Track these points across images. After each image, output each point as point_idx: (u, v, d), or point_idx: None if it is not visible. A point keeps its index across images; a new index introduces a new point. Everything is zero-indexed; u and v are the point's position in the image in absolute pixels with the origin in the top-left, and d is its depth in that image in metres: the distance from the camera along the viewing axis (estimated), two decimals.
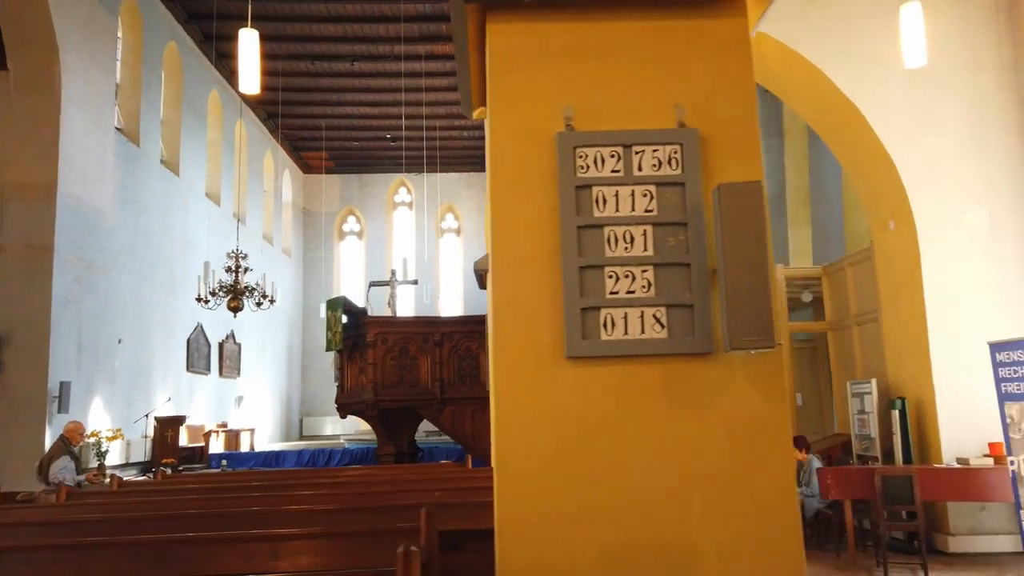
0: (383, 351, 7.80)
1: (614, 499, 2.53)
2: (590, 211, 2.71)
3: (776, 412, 2.60)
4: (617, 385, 2.61)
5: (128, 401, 13.62)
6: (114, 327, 13.02)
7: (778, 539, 2.52)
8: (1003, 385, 6.31)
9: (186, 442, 15.01)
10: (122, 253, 13.34)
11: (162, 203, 15.03)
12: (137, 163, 14.19)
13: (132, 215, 13.74)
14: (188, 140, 16.47)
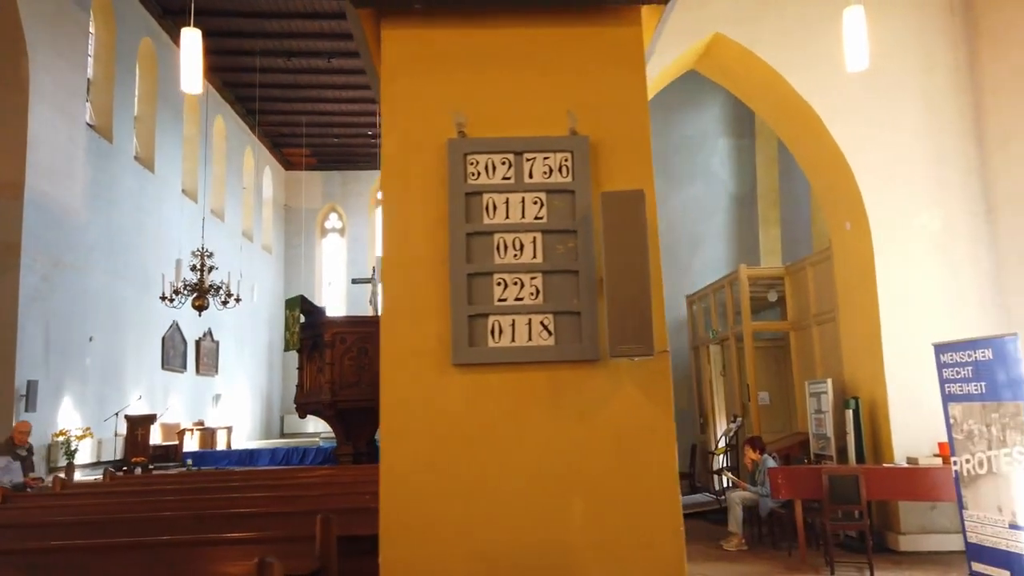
0: (341, 351, 7.80)
1: (499, 506, 2.55)
2: (480, 218, 2.72)
3: (661, 419, 2.63)
4: (504, 392, 2.63)
5: (100, 399, 13.55)
6: (85, 325, 12.94)
7: (660, 547, 2.55)
8: (947, 386, 6.37)
9: (160, 440, 14.96)
10: (93, 250, 13.26)
11: (136, 200, 14.94)
12: (109, 160, 14.10)
13: (104, 212, 13.65)
14: (164, 137, 16.37)
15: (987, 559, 6.04)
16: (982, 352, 6.00)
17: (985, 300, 7.74)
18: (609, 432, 2.62)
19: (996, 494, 5.90)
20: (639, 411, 2.63)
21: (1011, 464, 5.73)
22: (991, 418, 5.90)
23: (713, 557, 7.56)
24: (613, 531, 2.57)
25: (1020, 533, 5.68)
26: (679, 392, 13.43)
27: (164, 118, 16.25)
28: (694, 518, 9.85)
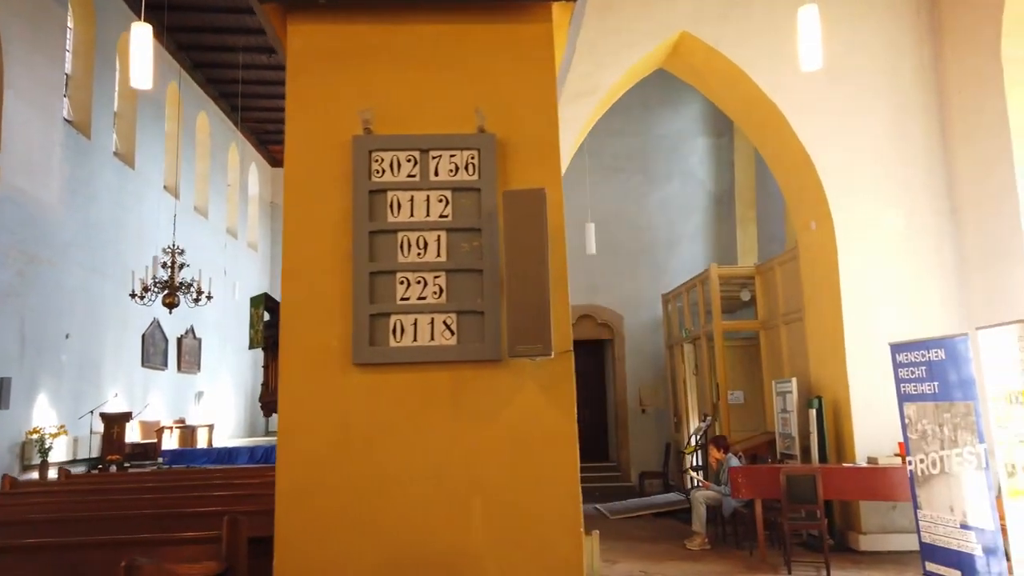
0: None
1: (398, 507, 2.54)
2: (384, 216, 2.70)
3: (563, 421, 2.62)
4: (405, 392, 2.61)
5: (76, 397, 13.48)
6: (61, 321, 12.86)
7: (560, 550, 2.54)
8: (903, 386, 6.37)
9: (139, 438, 14.89)
10: (70, 247, 13.17)
11: (115, 196, 14.84)
12: (88, 155, 14.02)
13: (82, 208, 13.57)
14: (145, 133, 16.28)
15: (940, 559, 6.05)
16: (935, 352, 6.01)
17: (948, 299, 7.75)
18: (511, 434, 2.61)
19: (948, 494, 5.91)
20: (541, 413, 2.62)
21: (962, 464, 5.75)
22: (943, 418, 5.92)
23: (676, 556, 7.57)
24: (513, 534, 2.55)
25: (970, 533, 5.70)
26: (657, 391, 13.45)
27: (145, 114, 16.16)
28: (665, 517, 9.87)
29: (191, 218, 17.89)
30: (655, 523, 9.62)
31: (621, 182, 14.04)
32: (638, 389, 13.64)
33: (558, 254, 2.70)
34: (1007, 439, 5.22)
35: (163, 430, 15.65)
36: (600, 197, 13.45)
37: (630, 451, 13.48)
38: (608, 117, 14.18)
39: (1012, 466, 5.19)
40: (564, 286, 2.70)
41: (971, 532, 5.69)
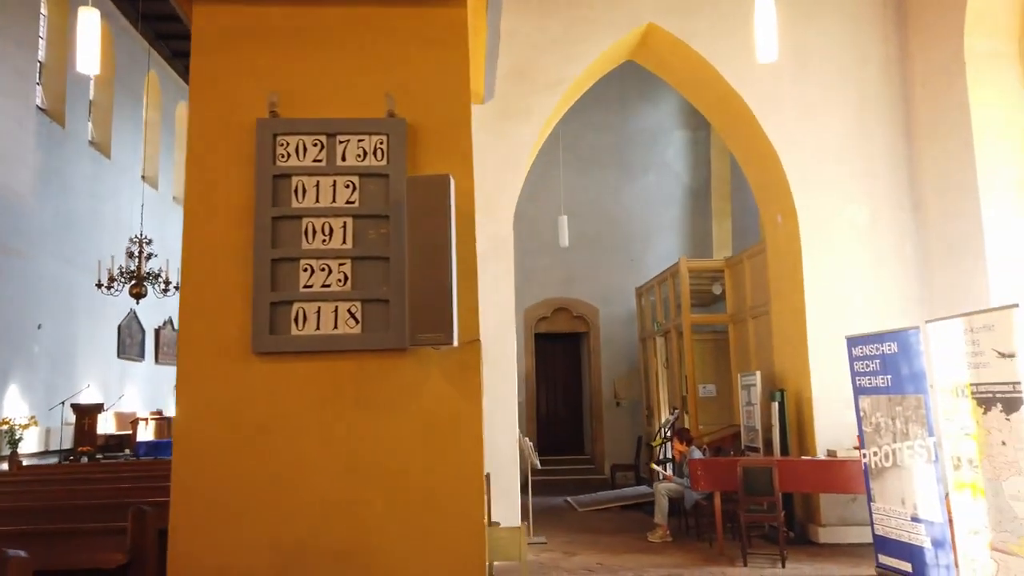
0: None
1: (296, 498, 2.50)
2: (288, 201, 2.66)
3: (469, 410, 2.59)
4: (306, 382, 2.57)
5: (49, 388, 13.36)
6: (33, 312, 12.73)
7: (462, 541, 2.51)
8: (858, 379, 6.38)
9: (114, 430, 14.80)
10: (43, 236, 13.03)
11: (90, 186, 14.69)
12: (62, 144, 13.86)
13: (55, 198, 13.42)
14: (122, 122, 16.11)
15: (892, 551, 6.08)
16: (888, 345, 6.02)
17: (910, 294, 7.77)
18: (416, 424, 2.58)
19: (900, 487, 5.93)
20: (447, 403, 2.59)
21: (912, 457, 5.76)
22: (896, 411, 5.93)
23: (636, 548, 7.57)
24: (415, 524, 2.52)
25: (920, 526, 5.72)
26: (632, 384, 13.46)
27: (122, 103, 15.99)
28: (633, 509, 9.87)
29: (169, 208, 17.74)
30: (622, 515, 9.63)
31: (598, 175, 14.01)
32: (613, 382, 13.65)
33: (467, 243, 2.67)
34: (953, 432, 5.23)
35: (138, 422, 15.55)
36: (576, 190, 13.42)
37: (604, 444, 13.50)
38: (585, 110, 14.17)
39: (957, 459, 5.20)
40: (473, 276, 2.66)
41: (921, 525, 5.72)
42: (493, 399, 7.71)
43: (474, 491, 2.54)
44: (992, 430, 4.81)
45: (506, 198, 8.02)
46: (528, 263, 13.56)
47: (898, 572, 5.99)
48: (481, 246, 7.87)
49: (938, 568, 5.58)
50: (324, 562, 2.46)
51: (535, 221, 12.85)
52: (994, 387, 4.78)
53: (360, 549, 2.47)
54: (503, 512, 7.41)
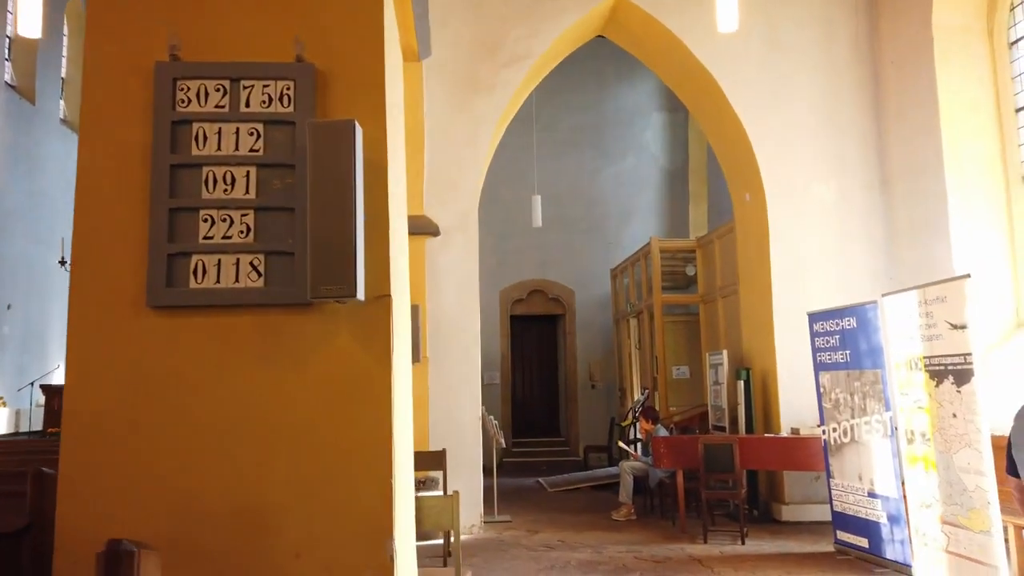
0: None
1: (196, 459, 2.40)
2: (188, 149, 2.53)
3: (378, 369, 2.48)
4: (206, 337, 2.46)
5: (18, 369, 13.15)
6: (2, 292, 12.51)
7: (368, 503, 2.42)
8: (818, 355, 6.34)
9: None
10: (12, 216, 12.77)
11: (62, 164, 14.38)
12: (32, 122, 13.56)
13: (25, 176, 13.15)
14: None
15: (850, 528, 6.06)
16: (848, 321, 5.97)
17: (877, 272, 7.72)
18: (321, 382, 2.48)
19: (858, 462, 5.90)
20: (354, 361, 2.48)
21: (870, 432, 5.73)
22: (854, 386, 5.89)
23: (599, 527, 7.53)
24: (319, 486, 2.43)
25: (877, 501, 5.69)
26: (607, 366, 13.41)
27: None
28: (604, 489, 9.83)
29: None
30: (591, 496, 9.60)
31: (575, 157, 13.89)
32: (588, 364, 13.60)
33: (377, 195, 2.56)
34: (907, 406, 5.19)
35: None
36: (553, 172, 13.29)
37: (579, 426, 13.46)
38: (562, 91, 14.02)
39: (911, 433, 5.17)
40: (384, 230, 2.56)
41: (877, 500, 5.69)
42: (456, 376, 7.64)
43: (381, 452, 2.45)
44: (944, 403, 4.77)
45: (471, 173, 7.90)
46: (504, 245, 13.46)
47: (855, 548, 5.98)
48: (445, 222, 7.81)
49: (893, 543, 5.57)
50: (223, 523, 2.36)
51: (511, 203, 12.73)
52: (946, 359, 4.73)
53: (261, 509, 2.37)
54: (464, 490, 7.31)
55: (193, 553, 2.35)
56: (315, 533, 2.40)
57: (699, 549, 6.47)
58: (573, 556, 6.32)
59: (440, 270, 7.69)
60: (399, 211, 3.03)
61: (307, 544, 2.39)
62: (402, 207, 3.16)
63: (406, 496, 2.84)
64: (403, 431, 2.84)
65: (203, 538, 2.36)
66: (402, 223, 3.11)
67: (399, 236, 2.93)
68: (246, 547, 2.36)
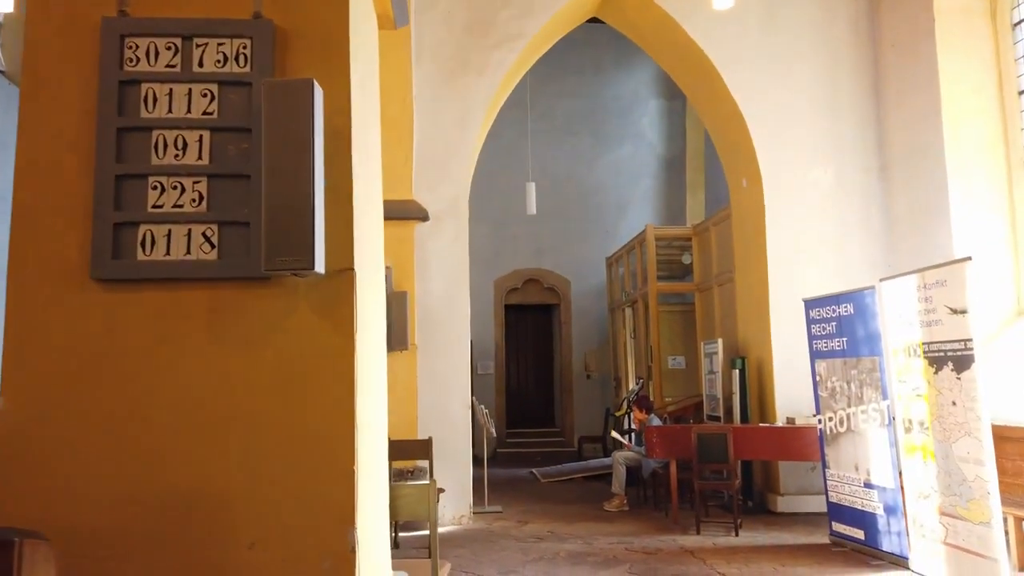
0: None
1: (139, 442, 2.24)
2: (136, 111, 2.36)
3: (341, 348, 2.32)
4: (154, 313, 2.30)
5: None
6: None
7: (329, 492, 2.26)
8: (814, 342, 6.19)
9: None
10: None
11: None
12: None
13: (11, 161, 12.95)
14: None
15: (846, 519, 5.92)
16: (845, 307, 5.81)
17: (875, 259, 7.56)
18: (279, 361, 2.31)
19: (854, 452, 5.76)
20: (315, 339, 2.32)
21: (867, 422, 5.58)
22: (851, 374, 5.74)
23: (590, 518, 7.39)
24: (275, 472, 2.27)
25: (873, 492, 5.55)
26: (602, 356, 13.26)
27: None
28: (597, 480, 9.68)
29: None
30: (584, 486, 9.46)
31: (572, 144, 13.69)
32: (584, 355, 13.45)
33: (340, 165, 2.39)
34: (905, 393, 5.04)
35: None
36: (549, 160, 13.10)
37: (574, 416, 13.33)
38: (559, 78, 13.81)
39: (909, 421, 5.02)
40: (347, 203, 2.39)
41: (874, 491, 5.55)
42: (445, 364, 7.48)
43: (343, 436, 2.29)
44: (943, 390, 4.61)
45: (462, 158, 7.72)
46: (499, 233, 13.28)
47: (851, 540, 5.84)
48: (435, 207, 7.63)
49: (890, 535, 5.43)
50: (170, 513, 2.20)
51: (506, 191, 12.55)
52: (945, 345, 4.58)
53: (212, 498, 2.22)
54: (454, 480, 7.21)
55: (138, 545, 2.20)
56: (270, 523, 2.24)
57: (691, 540, 6.34)
58: (562, 547, 6.18)
59: (429, 256, 7.53)
60: (370, 184, 2.86)
61: (261, 534, 2.24)
62: (375, 181, 3.00)
63: (375, 484, 2.68)
64: (373, 415, 2.69)
65: (148, 529, 2.21)
66: (374, 196, 2.95)
67: (369, 209, 2.77)
68: (195, 538, 2.21)
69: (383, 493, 2.95)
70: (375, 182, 3.02)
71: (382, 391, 2.96)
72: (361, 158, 2.60)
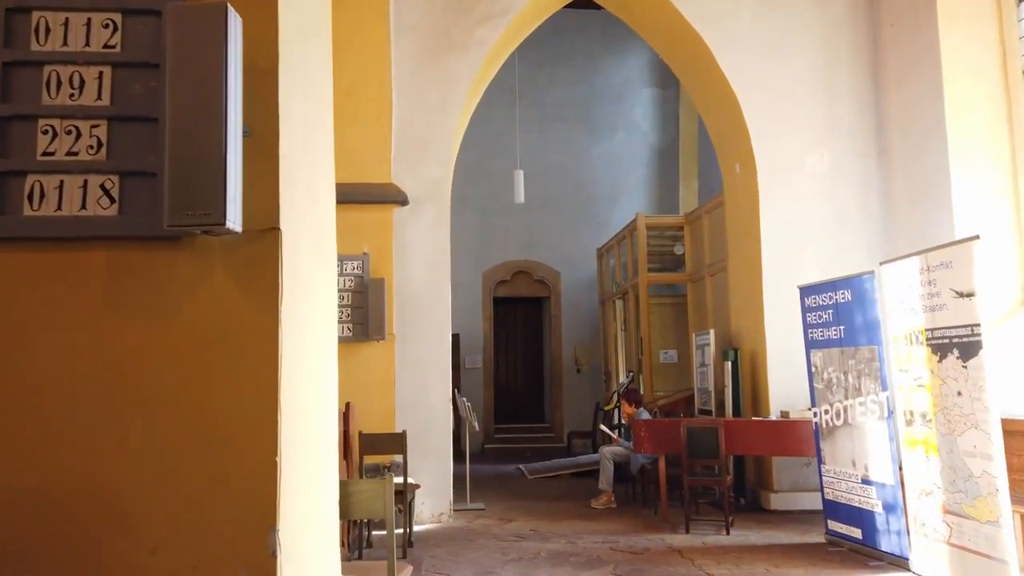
0: None
1: (25, 430, 1.91)
2: (26, 43, 2.03)
3: (262, 320, 2.00)
4: (42, 277, 1.97)
5: None
6: None
7: (245, 484, 1.94)
8: (810, 331, 5.89)
9: None
10: None
11: None
12: None
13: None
14: None
15: (842, 517, 5.63)
16: (842, 293, 5.51)
17: (872, 246, 7.25)
18: (188, 335, 1.99)
19: (851, 447, 5.46)
20: (231, 309, 2.00)
21: (865, 414, 5.28)
22: (848, 364, 5.43)
23: (576, 515, 7.09)
24: (183, 464, 1.95)
25: (872, 488, 5.25)
26: (593, 350, 12.95)
27: None
28: (585, 476, 9.36)
29: None
30: (572, 483, 9.16)
31: (563, 134, 13.36)
32: (574, 348, 13.14)
33: (265, 106, 2.07)
34: (906, 384, 4.74)
35: None
36: (540, 149, 12.78)
37: (564, 411, 13.02)
38: (550, 66, 13.49)
39: (910, 413, 4.72)
40: (272, 148, 2.07)
41: (872, 487, 5.25)
42: (425, 355, 7.15)
43: (264, 422, 1.97)
44: (947, 379, 4.31)
45: (443, 139, 7.38)
46: (487, 224, 12.96)
47: (848, 539, 5.55)
48: (415, 190, 7.28)
49: (889, 534, 5.13)
50: (58, 513, 1.88)
51: (495, 181, 12.23)
52: (951, 331, 4.27)
53: (108, 495, 1.90)
54: (433, 475, 6.90)
55: (17, 549, 1.87)
56: (177, 524, 1.92)
57: (680, 540, 6.04)
58: (544, 547, 5.87)
59: (409, 242, 7.19)
60: (312, 134, 2.54)
61: (166, 537, 1.92)
62: (320, 132, 2.67)
63: (312, 479, 2.36)
64: (310, 401, 2.37)
65: (31, 530, 1.89)
66: (319, 150, 2.62)
67: (309, 164, 2.44)
68: (87, 541, 1.89)
69: (327, 490, 2.63)
70: (321, 134, 2.69)
71: (327, 375, 2.64)
72: (296, 103, 2.27)
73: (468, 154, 11.82)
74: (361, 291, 6.87)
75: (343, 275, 6.86)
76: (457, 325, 11.77)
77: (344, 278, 6.88)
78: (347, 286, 6.86)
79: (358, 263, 6.94)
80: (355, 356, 6.82)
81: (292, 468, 2.08)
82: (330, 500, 2.67)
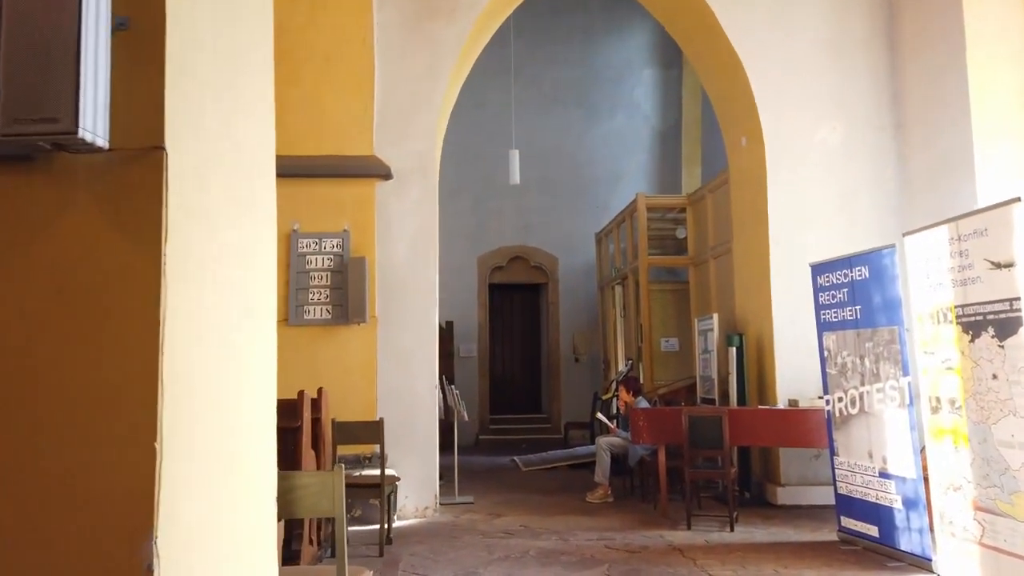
0: None
1: None
2: None
3: (140, 264, 1.56)
4: None
5: None
6: None
7: (114, 479, 1.51)
8: (822, 313, 5.43)
9: None
10: None
11: None
12: None
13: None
14: None
15: (857, 513, 5.18)
16: (858, 270, 5.05)
17: (887, 226, 6.77)
18: (43, 281, 1.56)
19: (868, 437, 5.01)
20: (101, 250, 1.56)
21: (883, 401, 4.83)
22: (865, 348, 4.98)
23: (571, 510, 6.66)
24: (33, 453, 1.52)
25: (890, 482, 4.81)
26: (592, 339, 12.50)
27: None
28: (582, 469, 8.93)
29: None
30: (568, 475, 8.73)
31: (561, 115, 12.88)
32: (572, 336, 12.70)
33: None
34: (933, 367, 4.28)
35: None
36: (537, 131, 12.28)
37: (562, 401, 12.59)
38: (547, 45, 12.98)
39: (936, 400, 4.26)
40: (157, 46, 1.62)
41: (891, 481, 4.80)
42: (410, 340, 6.71)
43: (138, 394, 1.53)
44: (981, 361, 3.86)
45: (429, 110, 6.91)
46: (483, 208, 12.52)
47: (863, 537, 5.11)
48: (399, 163, 6.79)
49: (909, 532, 4.68)
50: None
51: (490, 163, 11.74)
52: (985, 307, 3.81)
53: None
54: (418, 467, 6.47)
55: None
56: (24, 528, 1.48)
57: (681, 537, 5.60)
58: (534, 544, 5.44)
59: (392, 219, 6.74)
60: (244, 56, 2.09)
61: (12, 545, 1.47)
62: (259, 57, 2.23)
63: (223, 472, 1.92)
64: (221, 372, 1.93)
65: None
66: (242, 59, 2.17)
67: (219, 75, 1.98)
68: None
69: (256, 485, 2.19)
70: (256, 56, 2.24)
71: (258, 347, 2.19)
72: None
73: (462, 137, 11.38)
74: (341, 271, 6.43)
75: (321, 253, 6.43)
76: (451, 313, 11.38)
77: (322, 256, 6.45)
78: (325, 265, 6.43)
79: (338, 241, 6.50)
80: (334, 340, 6.40)
81: (184, 458, 1.64)
82: (260, 498, 2.23)
